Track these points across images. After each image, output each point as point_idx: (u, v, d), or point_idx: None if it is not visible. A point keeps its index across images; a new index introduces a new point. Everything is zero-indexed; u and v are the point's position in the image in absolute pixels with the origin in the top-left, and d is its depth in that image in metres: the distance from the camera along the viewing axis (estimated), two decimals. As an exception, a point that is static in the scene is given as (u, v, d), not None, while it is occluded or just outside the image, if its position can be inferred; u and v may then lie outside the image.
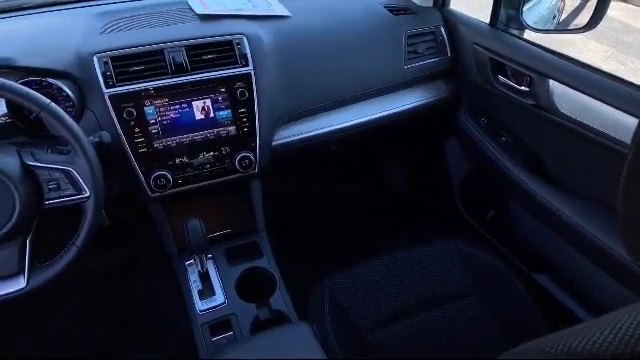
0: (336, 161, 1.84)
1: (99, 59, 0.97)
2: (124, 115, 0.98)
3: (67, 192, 0.81)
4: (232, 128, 1.08)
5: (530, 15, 1.17)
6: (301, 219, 1.69)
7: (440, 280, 1.10)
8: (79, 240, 0.83)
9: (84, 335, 1.39)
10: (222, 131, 1.07)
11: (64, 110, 0.81)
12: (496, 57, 1.19)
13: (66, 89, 0.94)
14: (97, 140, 0.90)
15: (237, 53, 1.06)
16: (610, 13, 1.09)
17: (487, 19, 1.24)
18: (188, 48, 1.03)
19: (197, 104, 1.04)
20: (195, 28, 1.09)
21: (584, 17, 1.04)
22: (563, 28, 1.22)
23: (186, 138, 1.05)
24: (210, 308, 1.09)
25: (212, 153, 1.08)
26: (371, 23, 1.29)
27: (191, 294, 1.12)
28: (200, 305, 1.10)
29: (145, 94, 0.99)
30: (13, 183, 0.76)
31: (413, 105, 1.34)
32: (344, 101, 1.24)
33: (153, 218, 1.19)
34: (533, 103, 1.11)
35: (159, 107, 1.01)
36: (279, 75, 1.12)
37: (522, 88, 1.13)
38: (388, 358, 0.97)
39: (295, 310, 1.12)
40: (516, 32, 1.20)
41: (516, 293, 1.08)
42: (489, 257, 1.15)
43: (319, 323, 1.02)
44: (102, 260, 1.52)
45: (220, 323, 1.08)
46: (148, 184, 1.04)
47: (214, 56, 1.05)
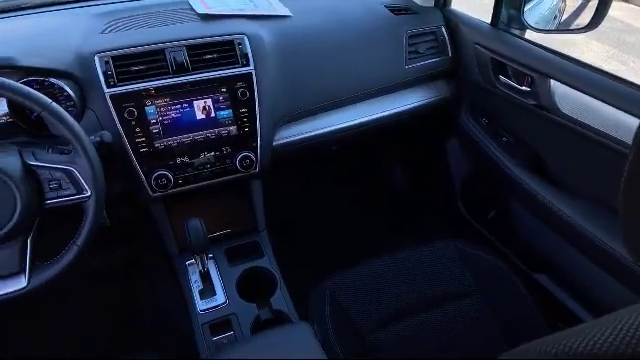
0: (337, 161, 1.84)
1: (100, 59, 0.97)
2: (125, 115, 0.98)
3: (68, 192, 0.81)
4: (233, 128, 1.08)
5: (531, 15, 1.16)
6: (302, 219, 1.69)
7: (441, 280, 1.10)
8: (80, 240, 0.83)
9: (84, 335, 1.39)
10: (223, 131, 1.07)
11: (65, 110, 0.81)
12: (497, 57, 1.19)
13: (67, 89, 0.94)
14: (98, 140, 0.90)
15: (238, 53, 1.06)
16: (611, 13, 1.09)
17: (488, 19, 1.24)
18: (189, 48, 1.03)
19: (198, 104, 1.04)
20: (196, 28, 1.09)
21: (585, 17, 1.04)
22: (564, 28, 1.22)
23: (187, 138, 1.05)
24: (211, 308, 1.09)
25: (213, 153, 1.08)
26: (372, 23, 1.29)
27: (192, 294, 1.12)
28: (201, 305, 1.10)
29: (146, 94, 0.99)
30: (14, 183, 0.76)
31: (414, 105, 1.34)
32: (345, 101, 1.24)
33: (154, 218, 1.19)
34: (534, 103, 1.11)
35: (160, 107, 1.01)
36: (280, 75, 1.12)
37: (523, 88, 1.12)
38: (389, 358, 0.98)
39: (296, 310, 1.12)
40: (517, 32, 1.20)
41: (517, 293, 1.08)
42: (490, 257, 1.15)
43: (320, 323, 1.02)
44: (103, 260, 1.52)
45: (221, 323, 1.07)
46: (149, 184, 1.04)
47: (215, 56, 1.05)
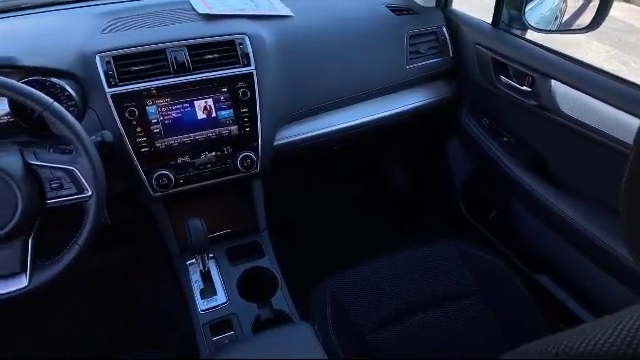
0: (338, 161, 1.84)
1: (101, 58, 0.97)
2: (126, 115, 0.98)
3: (69, 191, 0.82)
4: (234, 128, 1.08)
5: (532, 15, 1.16)
6: (303, 219, 1.69)
7: (441, 280, 1.10)
8: (81, 239, 0.83)
9: (84, 335, 1.39)
10: (224, 131, 1.07)
11: (66, 109, 0.81)
12: (498, 57, 1.19)
13: (68, 88, 0.94)
14: (99, 139, 0.90)
15: (239, 53, 1.06)
16: (613, 13, 1.09)
17: (488, 20, 1.24)
18: (190, 48, 1.03)
19: (199, 104, 1.04)
20: (197, 28, 1.09)
21: (586, 17, 1.04)
22: (565, 28, 1.22)
23: (188, 138, 1.05)
24: (211, 308, 1.09)
25: (214, 153, 1.08)
26: (373, 23, 1.29)
27: (192, 294, 1.12)
28: (201, 305, 1.10)
29: (147, 94, 0.99)
30: (15, 182, 0.76)
31: (415, 105, 1.34)
32: (346, 101, 1.24)
33: (155, 217, 1.19)
34: (535, 103, 1.11)
35: (161, 107, 1.01)
36: (281, 75, 1.12)
37: (524, 88, 1.12)
38: (389, 358, 0.98)
39: (296, 310, 1.11)
40: (518, 32, 1.20)
41: (517, 294, 1.08)
42: (491, 257, 1.14)
43: (320, 323, 1.02)
44: (104, 259, 1.52)
45: (221, 323, 1.07)
46: (150, 183, 1.04)
47: (216, 56, 1.05)
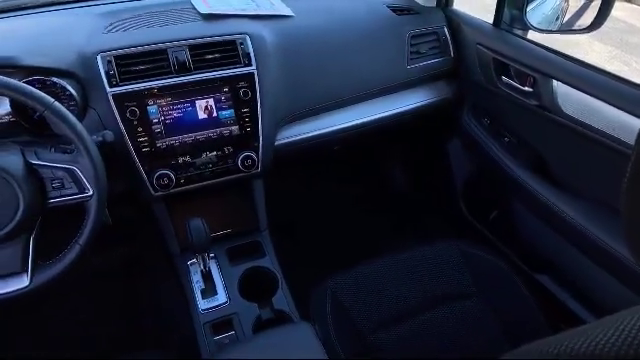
0: (339, 161, 1.84)
1: (103, 58, 0.98)
2: (127, 114, 0.98)
3: (70, 191, 0.82)
4: (235, 128, 1.08)
5: (534, 15, 1.16)
6: (304, 219, 1.69)
7: (442, 280, 1.10)
8: (82, 239, 0.83)
9: (84, 335, 1.39)
10: (225, 131, 1.07)
11: (67, 109, 0.82)
12: (499, 57, 1.19)
13: (70, 88, 0.94)
14: (100, 139, 0.90)
15: (240, 53, 1.06)
16: (614, 13, 1.09)
17: (489, 20, 1.24)
18: (191, 47, 1.03)
19: (200, 103, 1.04)
20: (198, 27, 1.09)
21: (588, 17, 1.04)
22: (567, 28, 1.22)
23: (189, 137, 1.05)
24: (212, 307, 1.09)
25: (215, 152, 1.08)
26: (374, 23, 1.29)
27: (193, 293, 1.12)
28: (202, 304, 1.10)
29: (148, 93, 0.99)
30: (17, 182, 0.76)
31: (416, 105, 1.34)
32: (347, 101, 1.24)
33: (156, 217, 1.19)
34: (536, 104, 1.11)
35: (162, 106, 1.01)
36: (282, 75, 1.12)
37: (525, 89, 1.12)
38: (390, 358, 0.97)
39: (297, 310, 1.11)
40: (520, 32, 1.20)
41: (518, 294, 1.08)
42: (491, 257, 1.14)
43: (321, 323, 1.02)
44: (105, 259, 1.52)
45: (222, 322, 1.07)
46: (151, 183, 1.04)
47: (217, 56, 1.05)
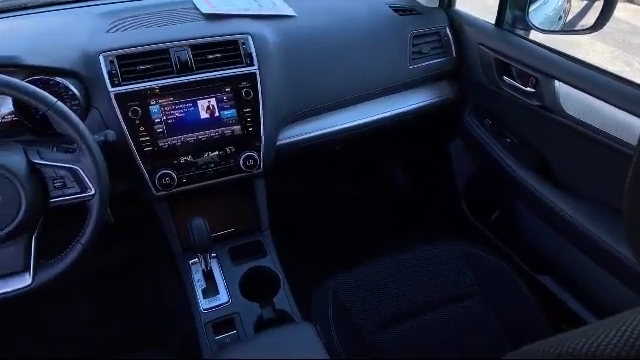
0: (340, 161, 1.84)
1: (105, 58, 0.98)
2: (129, 114, 0.98)
3: (72, 190, 0.82)
4: (237, 127, 1.08)
5: (536, 16, 1.16)
6: (305, 219, 1.69)
7: (444, 281, 1.10)
8: (84, 238, 0.83)
9: (87, 334, 1.39)
10: (227, 130, 1.07)
11: (70, 109, 0.82)
12: (501, 58, 1.19)
13: (72, 88, 0.94)
14: (102, 139, 0.90)
15: (242, 53, 1.07)
16: (616, 14, 1.09)
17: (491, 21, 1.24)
18: (193, 47, 1.03)
19: (202, 103, 1.04)
20: (200, 27, 1.09)
21: (590, 18, 1.04)
22: (569, 29, 1.22)
23: (191, 137, 1.05)
24: (214, 307, 1.09)
25: (217, 152, 1.09)
26: (376, 23, 1.29)
27: (195, 293, 1.12)
28: (204, 304, 1.10)
29: (150, 93, 0.99)
30: (19, 181, 0.76)
31: (418, 105, 1.34)
32: (349, 101, 1.24)
33: (158, 217, 1.19)
34: (539, 104, 1.11)
35: (164, 106, 1.01)
36: (284, 75, 1.13)
37: (528, 89, 1.12)
38: (391, 358, 0.97)
39: (298, 310, 1.11)
40: (522, 33, 1.20)
41: (520, 294, 1.07)
42: (493, 258, 1.14)
43: (322, 323, 1.02)
44: (107, 258, 1.52)
45: (224, 322, 1.07)
46: (153, 183, 1.04)
47: (219, 55, 1.05)
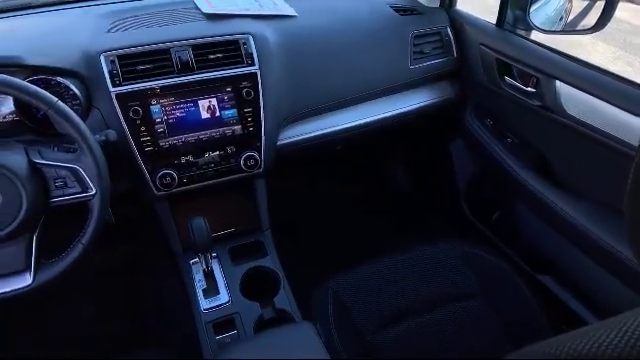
0: (341, 161, 1.84)
1: (106, 58, 0.98)
2: (130, 114, 0.98)
3: (73, 190, 0.82)
4: (237, 127, 1.08)
5: (537, 16, 1.16)
6: (306, 219, 1.69)
7: (444, 281, 1.09)
8: (85, 238, 0.83)
9: (88, 334, 1.39)
10: (227, 130, 1.08)
11: (71, 108, 0.82)
12: (502, 58, 1.18)
13: (73, 87, 0.95)
14: (103, 138, 0.90)
15: (243, 52, 1.07)
16: (618, 14, 1.08)
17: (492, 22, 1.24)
18: (194, 47, 1.03)
19: (203, 103, 1.04)
20: (201, 27, 1.09)
21: (592, 18, 1.03)
22: (570, 29, 1.22)
23: (192, 137, 1.05)
24: (214, 307, 1.09)
25: (217, 152, 1.09)
26: (377, 23, 1.29)
27: (195, 293, 1.12)
28: (204, 304, 1.10)
29: (151, 93, 0.99)
30: (20, 181, 0.76)
31: (419, 105, 1.34)
32: (349, 101, 1.24)
33: (158, 216, 1.19)
34: (539, 104, 1.11)
35: (165, 106, 1.01)
36: (285, 75, 1.13)
37: (528, 89, 1.12)
38: (392, 358, 0.97)
39: (299, 309, 1.11)
40: (523, 33, 1.19)
41: (520, 295, 1.07)
42: (494, 258, 1.14)
43: (323, 323, 1.02)
44: (107, 258, 1.52)
45: (224, 322, 1.08)
46: (154, 183, 1.04)
47: (220, 55, 1.05)
